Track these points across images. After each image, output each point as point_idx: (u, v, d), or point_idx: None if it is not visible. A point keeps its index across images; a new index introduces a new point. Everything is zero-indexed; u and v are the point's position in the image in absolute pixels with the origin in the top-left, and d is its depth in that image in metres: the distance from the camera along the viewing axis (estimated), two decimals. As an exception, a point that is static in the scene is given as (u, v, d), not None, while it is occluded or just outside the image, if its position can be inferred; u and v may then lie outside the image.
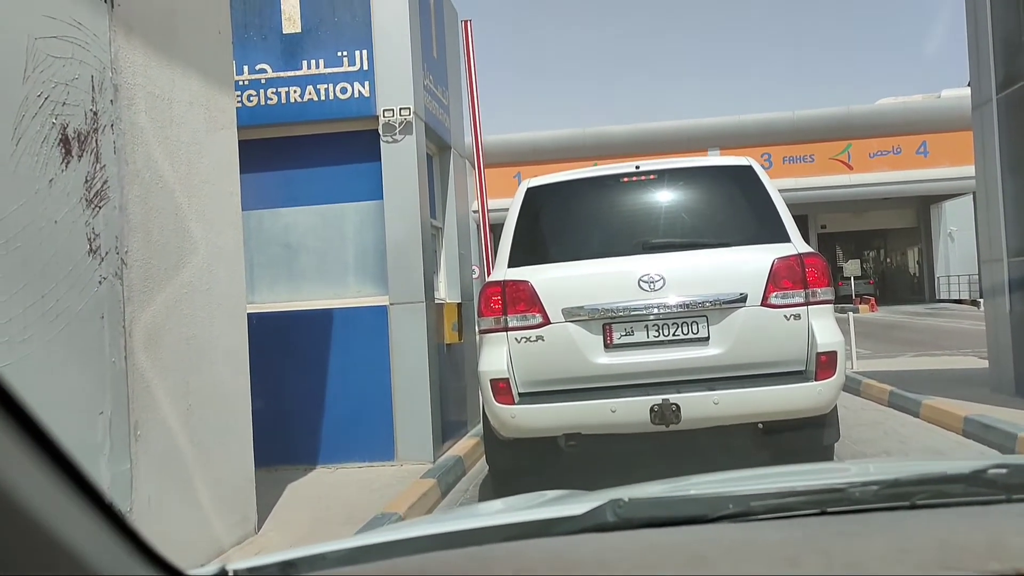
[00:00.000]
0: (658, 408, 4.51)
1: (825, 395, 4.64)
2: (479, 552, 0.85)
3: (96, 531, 0.61)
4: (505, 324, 4.80)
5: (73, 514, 0.58)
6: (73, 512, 0.58)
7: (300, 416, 6.21)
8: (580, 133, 30.65)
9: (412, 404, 6.17)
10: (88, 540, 0.59)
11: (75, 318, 3.15)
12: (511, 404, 4.72)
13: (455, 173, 7.76)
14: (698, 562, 0.76)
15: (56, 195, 3.09)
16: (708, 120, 30.89)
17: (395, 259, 6.28)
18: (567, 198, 5.31)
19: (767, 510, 0.93)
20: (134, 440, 3.38)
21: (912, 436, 6.55)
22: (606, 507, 0.96)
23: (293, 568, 0.86)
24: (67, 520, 0.56)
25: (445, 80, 7.66)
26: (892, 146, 30.24)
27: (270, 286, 6.49)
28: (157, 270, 3.69)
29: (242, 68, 6.15)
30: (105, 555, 0.61)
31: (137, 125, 3.61)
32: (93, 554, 0.58)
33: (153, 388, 3.58)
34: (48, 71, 3.07)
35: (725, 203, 5.24)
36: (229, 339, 4.34)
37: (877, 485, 0.96)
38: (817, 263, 4.78)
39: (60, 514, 0.56)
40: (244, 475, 4.38)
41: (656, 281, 4.69)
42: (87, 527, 0.59)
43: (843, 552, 0.75)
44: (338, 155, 6.52)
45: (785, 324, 4.67)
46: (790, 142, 30.18)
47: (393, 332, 6.23)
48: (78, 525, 0.58)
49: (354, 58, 6.30)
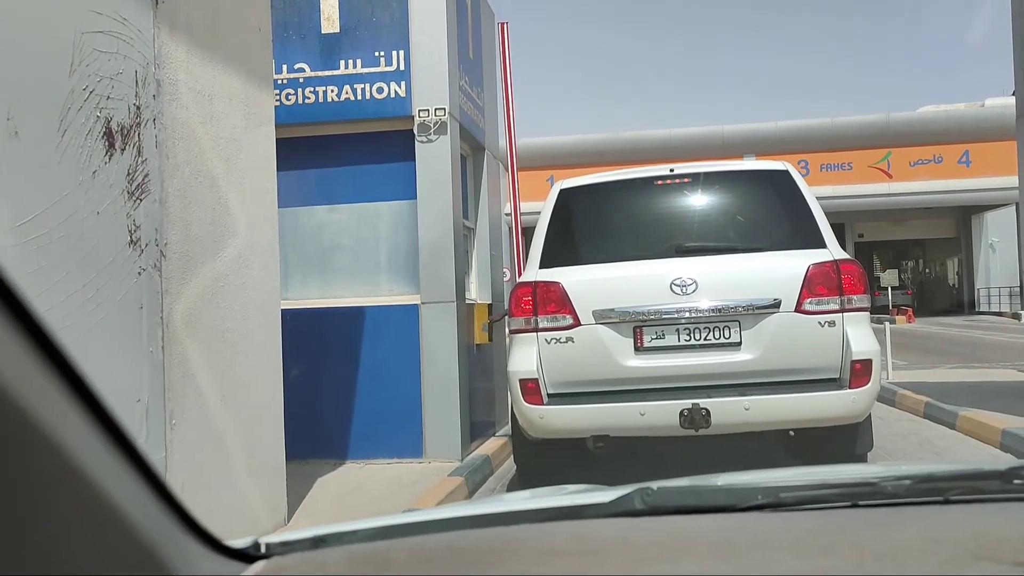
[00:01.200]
0: (688, 412, 4.48)
1: (859, 403, 4.58)
2: (507, 532, 0.85)
3: (143, 498, 0.63)
4: (535, 325, 4.80)
5: (122, 478, 0.59)
6: (122, 476, 0.60)
7: (331, 411, 6.26)
8: (614, 137, 30.57)
9: (441, 402, 6.19)
10: (136, 506, 0.60)
11: (114, 308, 3.21)
12: (540, 404, 4.72)
13: (488, 174, 7.78)
14: (726, 548, 0.76)
15: (99, 187, 3.16)
16: (744, 126, 30.66)
17: (427, 259, 6.31)
18: (600, 200, 5.30)
19: (797, 501, 0.93)
20: (169, 428, 3.44)
21: (948, 448, 6.43)
22: (634, 495, 0.96)
23: (324, 543, 0.87)
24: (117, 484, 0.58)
25: (480, 81, 7.69)
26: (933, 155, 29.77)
27: (303, 283, 6.56)
28: (195, 263, 3.75)
29: (281, 67, 6.23)
30: (151, 521, 0.62)
31: (178, 120, 3.68)
32: (140, 519, 0.60)
33: (189, 378, 3.63)
34: (94, 65, 3.14)
35: (760, 208, 5.19)
36: (263, 333, 4.40)
37: (910, 480, 0.95)
38: (853, 270, 4.72)
39: (111, 477, 0.57)
40: (275, 466, 4.43)
41: (688, 285, 4.67)
42: (135, 493, 0.61)
43: (875, 542, 0.75)
44: (373, 154, 6.57)
45: (819, 331, 4.61)
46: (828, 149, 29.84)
47: (424, 331, 6.26)
48: (127, 490, 0.60)
49: (391, 58, 6.35)
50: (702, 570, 0.70)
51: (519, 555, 0.75)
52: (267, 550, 0.84)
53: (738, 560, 0.73)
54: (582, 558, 0.74)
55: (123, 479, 0.60)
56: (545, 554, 0.75)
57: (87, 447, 0.55)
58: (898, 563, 0.69)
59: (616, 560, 0.74)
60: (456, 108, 6.56)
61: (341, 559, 0.78)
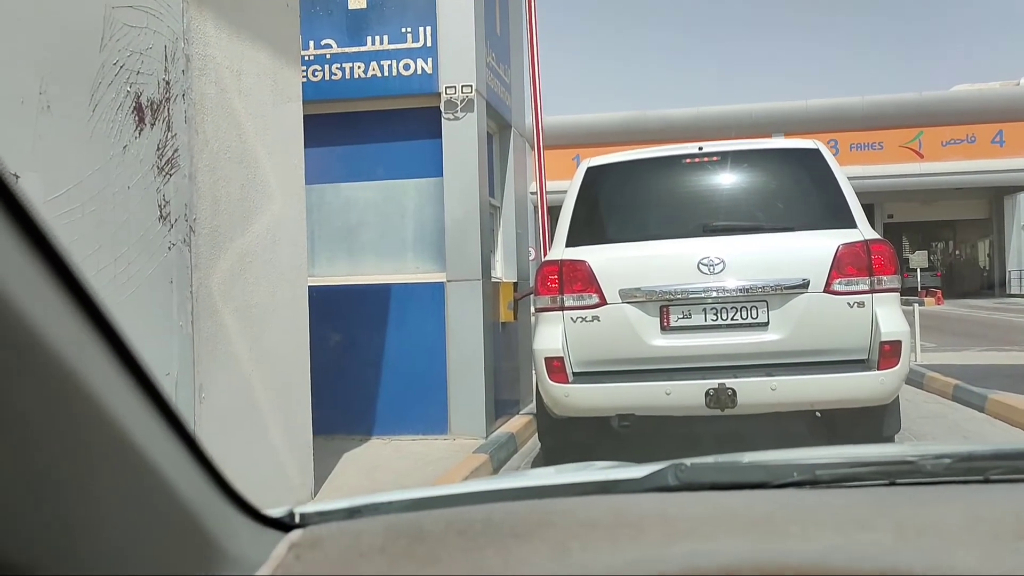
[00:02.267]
0: (713, 392, 4.47)
1: (887, 385, 4.53)
2: (541, 505, 0.85)
3: (185, 464, 0.63)
4: (561, 303, 4.79)
5: (166, 444, 0.60)
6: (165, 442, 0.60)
7: (357, 387, 6.31)
8: (641, 116, 30.29)
9: (466, 379, 6.21)
10: (179, 472, 0.61)
11: (145, 282, 3.25)
12: (565, 383, 4.72)
13: (515, 152, 7.75)
14: (765, 523, 0.75)
15: (129, 162, 3.18)
16: (773, 104, 30.23)
17: (453, 236, 6.31)
18: (627, 178, 5.26)
19: (833, 479, 0.92)
20: (198, 401, 3.48)
21: (976, 431, 6.36)
22: (668, 470, 0.96)
23: (358, 513, 0.87)
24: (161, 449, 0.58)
25: (508, 58, 7.64)
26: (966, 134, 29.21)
27: (330, 259, 6.59)
28: (223, 238, 3.78)
29: (308, 43, 6.22)
30: (193, 488, 0.63)
31: (207, 95, 3.69)
32: (183, 485, 0.60)
33: (217, 353, 3.67)
34: (124, 40, 3.15)
35: (790, 187, 5.13)
36: (290, 309, 4.43)
37: (950, 459, 0.93)
38: (884, 250, 4.66)
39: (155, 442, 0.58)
40: (302, 441, 4.48)
41: (716, 264, 4.63)
42: (177, 459, 0.62)
43: (915, 518, 0.74)
44: (399, 131, 6.56)
45: (848, 311, 4.57)
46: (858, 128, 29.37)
47: (449, 308, 6.27)
48: (170, 456, 0.60)
49: (418, 34, 6.32)
50: (741, 544, 0.70)
51: (556, 527, 0.75)
52: (302, 520, 0.85)
53: (777, 534, 0.72)
54: (619, 531, 0.74)
55: (166, 445, 0.60)
56: (583, 526, 0.74)
57: (134, 414, 0.55)
58: (940, 540, 0.68)
59: (653, 533, 0.74)
60: (483, 85, 6.52)
61: (377, 529, 0.78)
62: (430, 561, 0.69)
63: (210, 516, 0.65)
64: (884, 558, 0.63)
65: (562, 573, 0.65)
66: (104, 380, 0.52)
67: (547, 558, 0.69)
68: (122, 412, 0.53)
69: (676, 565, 0.62)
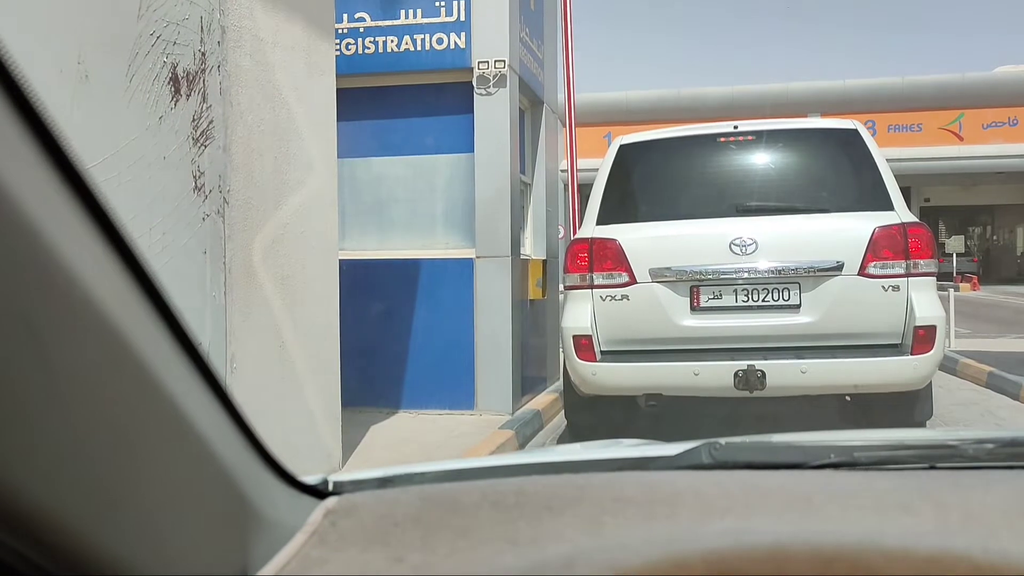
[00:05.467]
0: (742, 374, 4.43)
1: (921, 370, 4.47)
2: (575, 479, 0.85)
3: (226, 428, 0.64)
4: (591, 281, 4.78)
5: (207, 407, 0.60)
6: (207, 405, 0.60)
7: (385, 361, 6.35)
8: (674, 94, 29.88)
9: (494, 355, 6.23)
10: (220, 436, 0.61)
11: (179, 252, 3.28)
12: (593, 361, 4.71)
13: (546, 129, 7.70)
14: (803, 503, 0.74)
15: (165, 132, 3.21)
16: (810, 83, 29.66)
17: (483, 213, 6.30)
18: (660, 156, 5.21)
19: (872, 461, 0.90)
20: (230, 372, 3.52)
21: (1010, 418, 6.26)
22: (701, 448, 0.95)
23: (391, 483, 0.88)
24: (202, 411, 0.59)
25: (541, 33, 7.57)
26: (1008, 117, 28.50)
27: (361, 234, 6.62)
28: (256, 210, 3.80)
29: (341, 16, 6.21)
30: (232, 451, 0.63)
31: (242, 67, 3.70)
32: (220, 445, 0.61)
33: (249, 324, 3.71)
34: (160, 10, 3.16)
35: (827, 167, 5.05)
36: (321, 282, 4.46)
37: (992, 443, 0.91)
38: (921, 233, 4.58)
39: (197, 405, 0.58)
40: (331, 413, 4.52)
41: (748, 245, 4.58)
42: (218, 422, 0.62)
43: (960, 503, 0.72)
44: (431, 106, 6.54)
45: (882, 295, 4.50)
46: (897, 110, 28.74)
47: (478, 285, 6.28)
48: (211, 419, 0.61)
49: (451, 8, 6.28)
50: (778, 523, 0.69)
51: (590, 501, 0.74)
52: (336, 487, 0.85)
53: (815, 515, 0.72)
54: (654, 507, 0.73)
55: (209, 409, 0.60)
56: (616, 501, 0.74)
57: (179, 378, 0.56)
58: (985, 524, 0.67)
59: (688, 510, 0.73)
60: (516, 61, 6.47)
61: (412, 499, 0.78)
62: (464, 532, 0.69)
63: (249, 481, 0.65)
64: (932, 541, 0.62)
65: (597, 546, 0.65)
66: (150, 342, 0.52)
67: (580, 532, 0.68)
68: (168, 376, 0.53)
69: (718, 542, 0.61)
